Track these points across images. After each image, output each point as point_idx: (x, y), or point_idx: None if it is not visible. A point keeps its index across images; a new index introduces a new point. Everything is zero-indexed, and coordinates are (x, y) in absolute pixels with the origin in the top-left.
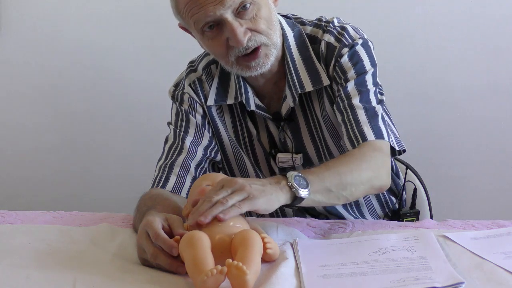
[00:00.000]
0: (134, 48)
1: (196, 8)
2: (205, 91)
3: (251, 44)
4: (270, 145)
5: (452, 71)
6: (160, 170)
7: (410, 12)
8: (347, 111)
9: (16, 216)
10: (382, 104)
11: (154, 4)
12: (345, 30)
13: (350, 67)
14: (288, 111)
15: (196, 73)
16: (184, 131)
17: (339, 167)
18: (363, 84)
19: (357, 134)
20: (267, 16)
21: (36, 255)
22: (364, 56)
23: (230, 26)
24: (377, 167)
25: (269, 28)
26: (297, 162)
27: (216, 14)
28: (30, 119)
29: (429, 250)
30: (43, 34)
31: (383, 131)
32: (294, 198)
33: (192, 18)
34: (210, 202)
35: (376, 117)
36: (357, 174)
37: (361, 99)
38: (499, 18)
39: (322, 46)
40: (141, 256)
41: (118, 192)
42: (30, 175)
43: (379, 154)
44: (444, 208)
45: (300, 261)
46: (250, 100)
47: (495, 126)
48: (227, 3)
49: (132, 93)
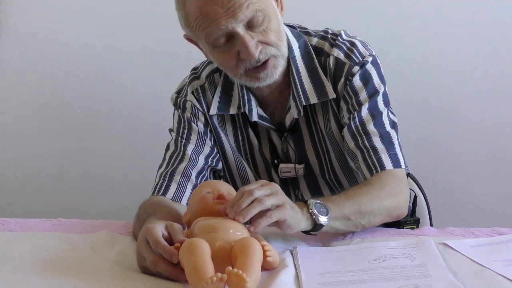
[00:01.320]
0: (135, 53)
1: (208, 22)
2: (208, 100)
3: (262, 57)
4: (272, 155)
5: (452, 78)
6: (161, 178)
7: (410, 19)
8: (362, 138)
9: (16, 224)
10: (395, 127)
11: (155, 10)
12: (354, 46)
13: (362, 87)
14: (292, 122)
15: (199, 80)
16: (186, 139)
17: (359, 197)
18: (376, 107)
19: (375, 162)
20: (277, 28)
21: (36, 263)
22: (374, 74)
23: (242, 39)
24: (396, 196)
25: (279, 40)
26: (299, 173)
27: (228, 27)
28: (29, 125)
29: (429, 258)
30: (44, 40)
31: (400, 159)
32: (314, 225)
33: (204, 32)
34: (251, 196)
35: (392, 144)
36: (376, 204)
37: (376, 124)
38: (499, 24)
39: (331, 61)
40: (141, 263)
41: (118, 199)
42: (29, 183)
43: (398, 183)
44: (444, 215)
45: (300, 268)
46: (253, 111)
47: (495, 133)
48: (239, 17)
49: (132, 99)
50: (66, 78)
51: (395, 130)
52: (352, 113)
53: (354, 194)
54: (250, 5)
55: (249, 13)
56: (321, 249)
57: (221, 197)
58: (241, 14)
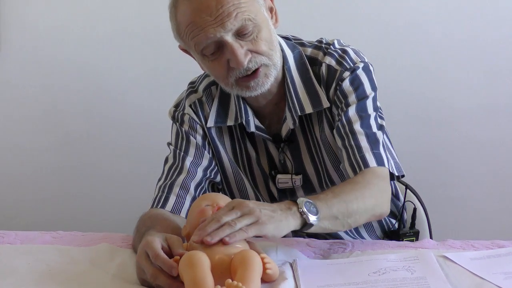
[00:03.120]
0: (134, 67)
1: (197, 30)
2: (205, 112)
3: (252, 65)
4: (270, 166)
5: (451, 92)
6: (160, 190)
7: (410, 33)
8: (348, 137)
9: (16, 236)
10: (383, 130)
11: (154, 26)
12: (346, 53)
13: (351, 91)
14: (288, 133)
15: (196, 94)
16: (184, 152)
17: (345, 195)
18: (364, 109)
19: (359, 160)
20: (268, 37)
21: (36, 276)
22: (365, 80)
23: (230, 47)
24: (380, 195)
25: (270, 49)
26: (296, 184)
27: (216, 36)
28: (29, 138)
29: (429, 270)
30: (44, 55)
31: (383, 157)
32: (304, 224)
33: (193, 40)
34: (218, 222)
35: (377, 143)
36: (361, 202)
37: (362, 125)
38: (499, 39)
39: (323, 69)
40: (140, 276)
41: (117, 212)
42: (29, 196)
43: (380, 181)
44: (443, 228)
45: (300, 281)
46: (250, 122)
47: (494, 145)
48: (228, 26)
49: (132, 113)
50: (66, 92)
51: (382, 131)
52: (340, 114)
53: (340, 192)
54: (239, 14)
55: (238, 22)
56: (320, 261)
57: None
58: (229, 23)
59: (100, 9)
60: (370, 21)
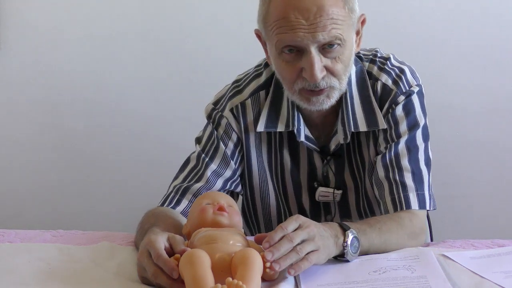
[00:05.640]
0: (134, 68)
1: (286, 28)
2: (247, 118)
3: (322, 84)
4: (310, 178)
5: (452, 91)
6: (174, 190)
7: (410, 33)
8: (394, 171)
9: (16, 235)
10: (429, 164)
11: (154, 26)
12: (403, 73)
13: (403, 117)
14: (336, 147)
15: (241, 95)
16: (209, 158)
17: (389, 235)
18: (413, 141)
19: (402, 199)
20: (347, 60)
21: (36, 274)
22: (418, 106)
23: (311, 59)
24: (418, 238)
25: (344, 73)
26: (336, 199)
27: (303, 41)
28: (29, 139)
29: (429, 269)
30: (44, 55)
31: (426, 199)
32: (339, 255)
33: (278, 36)
34: (291, 243)
35: (422, 183)
36: (400, 244)
37: (410, 159)
38: (499, 38)
39: (378, 86)
40: (141, 274)
41: (117, 211)
42: (29, 194)
43: (421, 224)
44: (443, 227)
45: (300, 280)
46: (301, 131)
47: (494, 145)
48: (318, 37)
49: (133, 111)
50: (66, 92)
51: (428, 167)
52: (390, 144)
53: (385, 230)
54: (332, 30)
55: (329, 37)
56: None
57: (221, 209)
58: (321, 35)
59: (100, 9)
60: (370, 21)
